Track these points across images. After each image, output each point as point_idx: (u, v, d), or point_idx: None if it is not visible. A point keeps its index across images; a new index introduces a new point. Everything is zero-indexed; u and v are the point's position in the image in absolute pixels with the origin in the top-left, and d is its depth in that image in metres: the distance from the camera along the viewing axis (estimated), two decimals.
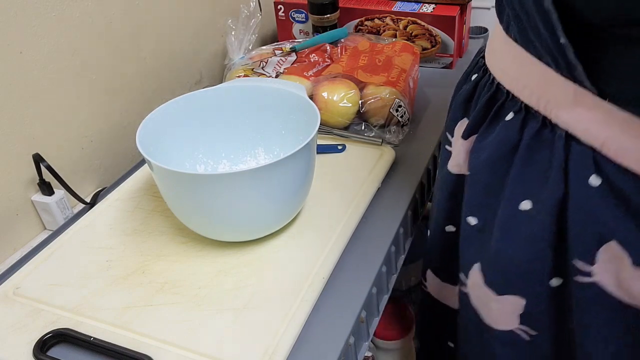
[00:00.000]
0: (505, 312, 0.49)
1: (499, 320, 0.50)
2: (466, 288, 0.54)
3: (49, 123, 0.70)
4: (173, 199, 0.58)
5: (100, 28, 0.74)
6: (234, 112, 0.68)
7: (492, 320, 0.51)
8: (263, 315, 0.51)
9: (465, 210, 0.52)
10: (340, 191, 0.66)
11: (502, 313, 0.50)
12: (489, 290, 0.50)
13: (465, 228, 0.52)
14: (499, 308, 0.49)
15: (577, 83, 0.38)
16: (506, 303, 0.49)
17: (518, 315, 0.48)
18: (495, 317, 0.51)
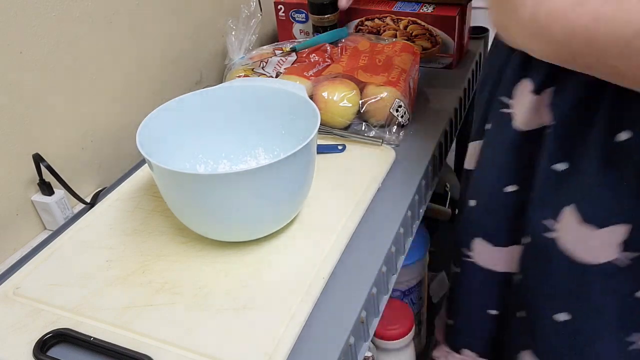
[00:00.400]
0: (606, 245, 0.52)
1: (598, 254, 0.53)
2: (553, 233, 0.55)
3: (49, 123, 0.70)
4: (173, 199, 0.58)
5: (100, 28, 0.74)
6: (234, 112, 0.68)
7: (589, 257, 0.53)
8: (263, 315, 0.51)
9: (551, 159, 0.54)
10: (340, 191, 0.66)
11: (602, 246, 0.52)
12: (589, 226, 0.52)
13: (550, 176, 0.55)
14: (599, 243, 0.52)
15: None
16: (608, 234, 0.51)
17: (620, 243, 0.51)
18: (594, 253, 0.53)
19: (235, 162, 0.70)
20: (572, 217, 0.53)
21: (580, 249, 0.54)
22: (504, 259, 0.66)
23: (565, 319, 0.58)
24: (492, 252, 0.67)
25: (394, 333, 0.91)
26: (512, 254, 0.65)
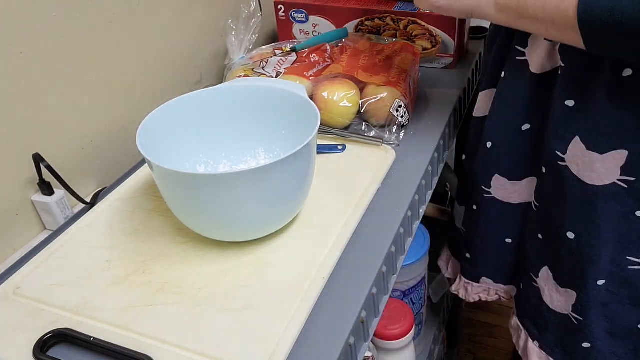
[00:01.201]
0: (608, 168, 0.60)
1: (602, 176, 0.61)
2: (564, 162, 0.64)
3: (49, 123, 0.70)
4: (173, 199, 0.58)
5: (100, 28, 0.74)
6: (234, 112, 0.68)
7: (595, 179, 0.62)
8: (263, 315, 0.51)
9: (562, 96, 0.62)
10: (340, 191, 0.66)
11: (605, 170, 0.61)
12: (593, 153, 0.61)
13: (560, 111, 0.63)
14: (603, 166, 0.61)
15: None
16: (608, 159, 0.60)
17: (619, 167, 0.60)
18: (598, 176, 0.61)
19: (235, 162, 0.70)
20: (579, 146, 0.62)
21: (587, 174, 0.62)
22: (519, 191, 0.75)
23: (572, 236, 0.66)
24: (508, 186, 0.76)
25: (394, 333, 0.91)
26: (526, 186, 0.74)
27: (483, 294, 0.89)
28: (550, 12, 0.53)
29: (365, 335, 0.55)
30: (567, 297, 0.71)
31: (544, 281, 0.74)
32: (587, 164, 0.62)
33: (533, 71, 0.66)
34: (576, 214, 0.66)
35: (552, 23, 0.54)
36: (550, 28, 0.55)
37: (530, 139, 0.70)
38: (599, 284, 0.66)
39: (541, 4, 0.54)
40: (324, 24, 0.99)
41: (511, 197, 0.77)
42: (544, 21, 0.55)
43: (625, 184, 0.61)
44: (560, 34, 0.55)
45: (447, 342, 1.30)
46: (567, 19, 0.52)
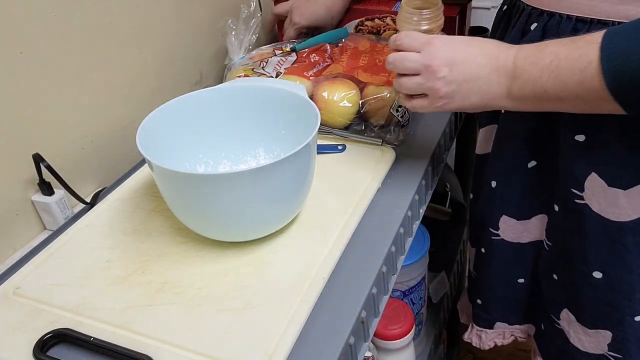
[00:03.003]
0: (635, 202, 0.58)
1: (628, 211, 0.58)
2: (582, 200, 0.61)
3: (49, 123, 0.70)
4: (173, 199, 0.58)
5: (100, 28, 0.74)
6: (234, 112, 0.68)
7: (621, 215, 0.59)
8: (263, 315, 0.51)
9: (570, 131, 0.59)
10: (341, 191, 0.66)
11: (631, 204, 0.58)
12: (616, 189, 0.58)
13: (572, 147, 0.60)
14: (628, 201, 0.58)
15: None
16: (634, 193, 0.57)
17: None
18: (624, 211, 0.58)
19: (235, 162, 0.70)
20: (598, 183, 0.58)
21: (611, 210, 0.59)
22: (529, 230, 0.72)
23: (600, 276, 0.63)
24: (517, 226, 0.72)
25: (394, 333, 0.91)
26: (536, 224, 0.71)
27: (498, 339, 0.85)
28: (574, 89, 0.49)
29: (365, 335, 0.55)
30: (599, 338, 0.67)
31: (567, 324, 0.70)
32: (610, 200, 0.59)
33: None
34: (602, 252, 0.62)
35: (579, 99, 0.50)
36: (579, 104, 0.50)
37: (537, 176, 0.67)
38: (637, 320, 0.64)
39: (560, 83, 0.49)
40: None
41: (521, 237, 0.73)
42: (569, 99, 0.50)
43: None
44: (593, 107, 0.50)
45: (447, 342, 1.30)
46: (595, 91, 0.48)
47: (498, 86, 0.54)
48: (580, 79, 0.48)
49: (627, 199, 0.58)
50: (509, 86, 0.53)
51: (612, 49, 0.46)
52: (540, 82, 0.51)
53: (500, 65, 0.54)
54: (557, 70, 0.49)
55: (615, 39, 0.46)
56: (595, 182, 0.59)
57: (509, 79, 0.53)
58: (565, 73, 0.49)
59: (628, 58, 0.45)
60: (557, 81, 0.50)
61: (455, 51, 0.55)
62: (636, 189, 0.57)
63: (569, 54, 0.49)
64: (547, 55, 0.50)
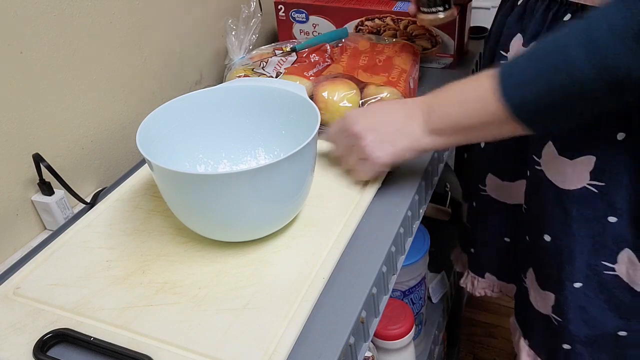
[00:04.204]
0: (578, 172, 0.61)
1: (573, 180, 0.62)
2: (540, 166, 0.66)
3: (49, 123, 0.70)
4: (173, 199, 0.58)
5: (100, 28, 0.75)
6: (234, 112, 0.68)
7: (567, 183, 0.63)
8: (263, 315, 0.51)
9: None
10: (341, 191, 0.66)
11: (575, 174, 0.62)
12: (563, 158, 0.62)
13: None
14: (573, 171, 0.62)
15: None
16: (579, 164, 0.61)
17: (589, 172, 0.61)
18: (570, 180, 0.62)
19: (235, 162, 0.70)
20: (551, 151, 0.63)
21: (559, 178, 0.64)
22: (512, 192, 0.77)
23: (549, 239, 0.68)
24: (502, 186, 0.78)
25: (394, 333, 0.91)
26: (518, 188, 0.75)
27: (488, 289, 0.92)
28: (479, 117, 0.54)
29: (365, 335, 0.55)
30: (546, 299, 0.72)
31: (530, 282, 0.75)
32: (559, 168, 0.63)
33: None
34: (552, 217, 0.66)
35: (486, 125, 0.55)
36: (489, 131, 0.56)
37: (519, 141, 0.69)
38: (576, 287, 0.67)
39: (467, 111, 0.55)
40: (324, 24, 0.99)
41: (506, 198, 0.79)
42: (479, 127, 0.55)
43: (595, 189, 0.61)
44: (502, 131, 0.55)
45: (447, 342, 1.30)
46: (498, 115, 0.52)
47: (418, 125, 0.59)
48: (483, 105, 0.53)
49: (573, 168, 0.62)
50: (426, 122, 0.59)
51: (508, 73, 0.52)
52: (452, 114, 0.57)
53: (413, 107, 0.60)
54: (462, 99, 0.56)
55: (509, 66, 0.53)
56: (549, 150, 0.63)
57: (425, 115, 0.59)
58: (470, 102, 0.55)
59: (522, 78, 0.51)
60: (464, 110, 0.55)
61: (366, 110, 0.66)
62: (580, 160, 0.61)
63: (469, 84, 0.56)
64: (451, 91, 0.58)
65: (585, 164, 0.61)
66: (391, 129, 0.61)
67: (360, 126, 0.62)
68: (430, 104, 0.59)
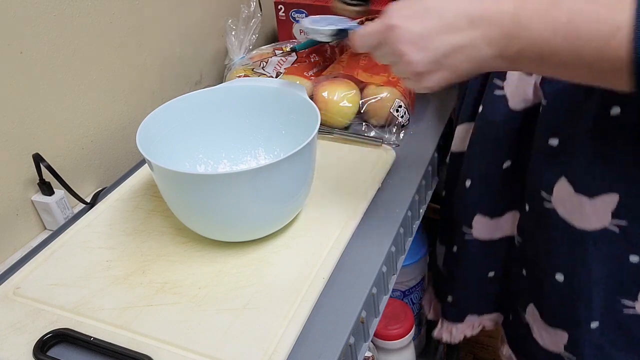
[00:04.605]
0: (599, 212, 0.56)
1: (592, 221, 0.57)
2: (550, 204, 0.60)
3: (49, 123, 0.70)
4: (173, 199, 0.58)
5: (100, 28, 0.75)
6: (234, 112, 0.68)
7: (585, 223, 0.58)
8: (263, 315, 0.51)
9: (545, 134, 0.58)
10: (341, 191, 0.66)
11: (595, 214, 0.56)
12: (581, 196, 0.56)
13: (544, 150, 0.59)
14: (592, 210, 0.56)
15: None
16: (599, 203, 0.55)
17: (610, 212, 0.55)
18: (588, 219, 0.57)
19: (235, 162, 0.70)
20: (566, 188, 0.57)
21: (575, 217, 0.58)
22: (501, 227, 0.72)
23: (562, 279, 0.62)
24: (490, 223, 0.72)
25: (394, 333, 0.91)
26: (508, 220, 0.71)
27: (468, 330, 0.85)
28: (589, 58, 0.40)
29: (365, 335, 0.55)
30: (557, 337, 0.67)
31: (531, 318, 0.70)
32: (576, 207, 0.58)
33: (512, 107, 0.63)
34: (565, 256, 0.62)
35: (590, 69, 0.41)
36: (586, 74, 0.43)
37: (511, 176, 0.67)
38: (592, 327, 0.63)
39: (575, 49, 0.41)
40: None
41: (493, 234, 0.73)
42: (578, 67, 0.42)
43: (617, 228, 0.56)
44: (601, 79, 0.42)
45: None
46: (614, 63, 0.39)
47: (489, 49, 0.45)
48: (602, 46, 0.39)
49: (592, 207, 0.56)
50: (503, 47, 0.44)
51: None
52: (549, 46, 0.42)
53: (490, 27, 0.44)
54: (575, 32, 0.40)
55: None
56: (563, 187, 0.58)
57: (504, 38, 0.44)
58: (584, 37, 0.40)
59: None
60: (572, 46, 0.41)
61: (425, 22, 0.46)
62: (601, 199, 0.55)
63: (592, 13, 0.39)
64: (564, 13, 0.41)
65: (608, 203, 0.55)
66: (455, 57, 0.46)
67: (410, 53, 0.47)
68: (524, 23, 0.43)
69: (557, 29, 0.41)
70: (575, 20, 0.40)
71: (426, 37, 0.46)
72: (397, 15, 0.48)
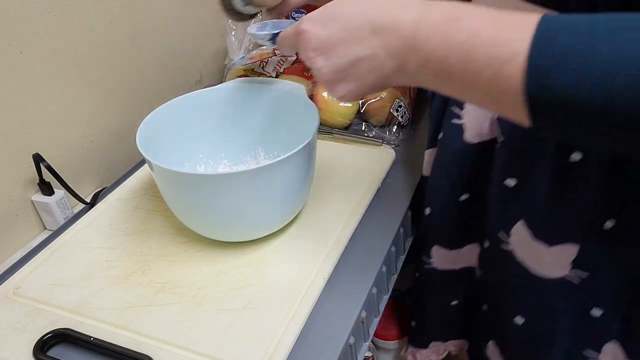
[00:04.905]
0: (558, 261, 0.52)
1: (551, 269, 0.53)
2: (508, 246, 0.55)
3: (49, 123, 0.70)
4: (173, 199, 0.58)
5: (100, 28, 0.75)
6: (234, 112, 0.68)
7: (543, 271, 0.53)
8: (263, 315, 0.51)
9: (502, 174, 0.53)
10: (341, 191, 0.66)
11: (554, 262, 0.52)
12: (540, 243, 0.52)
13: (501, 190, 0.54)
14: (551, 259, 0.52)
15: None
16: (559, 252, 0.51)
17: (570, 261, 0.51)
18: (547, 267, 0.53)
19: (235, 162, 0.70)
20: (524, 233, 0.53)
21: (534, 263, 0.54)
22: (462, 258, 0.68)
23: (522, 322, 0.58)
24: (449, 255, 0.67)
25: (393, 333, 0.91)
26: (468, 252, 0.66)
27: (433, 356, 0.81)
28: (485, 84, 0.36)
29: (365, 335, 0.55)
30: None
31: (492, 354, 0.67)
32: (535, 253, 0.53)
33: (468, 139, 0.58)
34: (525, 301, 0.58)
35: (487, 95, 0.37)
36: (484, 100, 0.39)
37: (469, 210, 0.62)
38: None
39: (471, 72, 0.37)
40: None
41: (454, 264, 0.69)
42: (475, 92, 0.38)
43: (577, 279, 0.52)
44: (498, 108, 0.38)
45: None
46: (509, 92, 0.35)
47: (390, 60, 0.42)
48: (496, 73, 0.35)
49: (551, 256, 0.52)
50: (403, 60, 0.41)
51: (547, 43, 0.33)
52: (446, 64, 0.38)
53: (390, 37, 0.41)
54: (472, 53, 0.36)
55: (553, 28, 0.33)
56: (521, 231, 0.53)
57: (404, 50, 0.41)
58: (479, 61, 0.36)
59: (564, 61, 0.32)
60: (467, 69, 0.37)
61: (329, 29, 0.44)
62: (560, 248, 0.51)
63: (491, 35, 0.35)
64: (462, 31, 0.37)
65: (567, 253, 0.51)
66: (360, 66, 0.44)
67: (315, 58, 0.45)
68: (423, 36, 0.39)
69: (453, 47, 0.37)
70: (471, 41, 0.36)
71: (330, 44, 0.44)
72: (307, 20, 0.46)
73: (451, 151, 0.60)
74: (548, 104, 0.34)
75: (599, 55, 0.31)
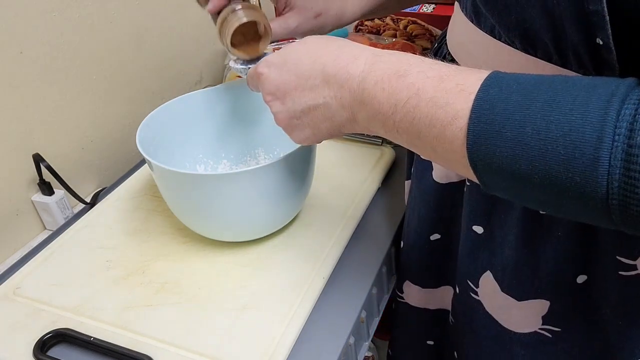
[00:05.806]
0: (528, 316, 0.49)
1: (521, 324, 0.50)
2: (477, 296, 0.53)
3: (49, 123, 0.70)
4: (173, 199, 0.58)
5: (100, 28, 0.74)
6: (234, 112, 0.68)
7: (513, 325, 0.51)
8: (263, 315, 0.51)
9: (469, 220, 0.50)
10: (341, 191, 0.66)
11: (524, 317, 0.49)
12: (508, 297, 0.49)
13: (469, 237, 0.51)
14: (521, 313, 0.49)
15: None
16: (529, 308, 0.48)
17: (541, 317, 0.48)
18: (516, 322, 0.50)
19: (235, 162, 0.70)
20: (492, 284, 0.50)
21: (503, 317, 0.51)
22: (435, 299, 0.64)
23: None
24: (422, 293, 0.65)
25: None
26: (442, 294, 0.63)
27: None
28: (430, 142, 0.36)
29: (365, 335, 0.55)
30: None
31: None
32: (503, 306, 0.50)
33: (435, 179, 0.55)
34: (494, 355, 0.54)
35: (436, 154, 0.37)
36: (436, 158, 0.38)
37: (441, 249, 0.59)
38: None
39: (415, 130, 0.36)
40: None
41: (428, 304, 0.66)
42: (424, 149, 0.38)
43: (549, 334, 0.49)
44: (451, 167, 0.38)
45: None
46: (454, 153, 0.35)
47: (342, 111, 0.42)
48: (439, 133, 0.35)
49: (520, 311, 0.49)
50: (354, 111, 0.41)
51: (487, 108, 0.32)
52: (392, 120, 0.38)
53: (341, 88, 0.41)
54: (415, 112, 0.36)
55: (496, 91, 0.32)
56: (489, 283, 0.50)
57: (354, 103, 0.40)
58: (423, 120, 0.36)
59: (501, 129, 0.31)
60: (412, 126, 0.36)
61: (283, 75, 0.44)
62: (530, 304, 0.48)
63: (434, 96, 0.35)
64: (405, 88, 0.36)
65: (537, 309, 0.48)
66: (313, 114, 0.44)
67: (271, 102, 0.46)
68: (369, 90, 0.39)
69: (397, 105, 0.37)
70: (413, 101, 0.36)
71: (284, 90, 0.44)
72: (265, 63, 0.46)
73: (422, 188, 0.57)
74: (489, 169, 0.33)
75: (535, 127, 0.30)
